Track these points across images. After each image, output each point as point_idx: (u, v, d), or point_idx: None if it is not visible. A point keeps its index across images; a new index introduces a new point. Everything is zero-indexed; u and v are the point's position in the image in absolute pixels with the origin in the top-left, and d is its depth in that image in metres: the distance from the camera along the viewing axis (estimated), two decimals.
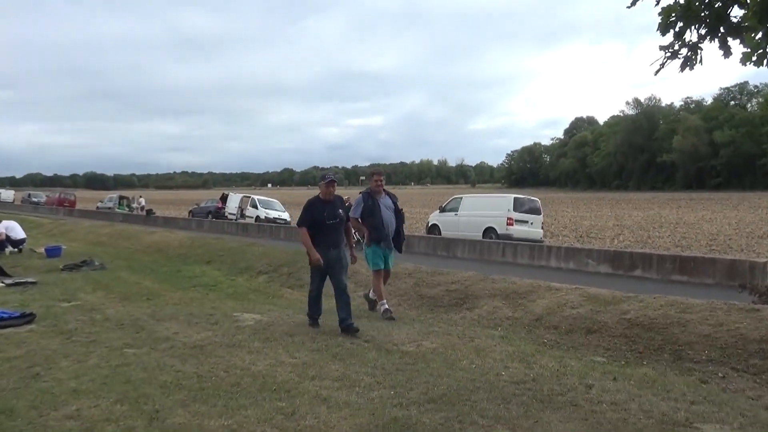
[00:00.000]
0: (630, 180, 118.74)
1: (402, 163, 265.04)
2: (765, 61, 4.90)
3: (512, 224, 20.67)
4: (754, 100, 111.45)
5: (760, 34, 4.65)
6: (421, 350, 6.37)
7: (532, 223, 21.20)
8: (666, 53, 4.93)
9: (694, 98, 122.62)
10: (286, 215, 32.79)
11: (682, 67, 5.05)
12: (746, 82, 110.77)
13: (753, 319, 6.85)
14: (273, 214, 32.17)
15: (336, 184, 7.29)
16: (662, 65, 5.05)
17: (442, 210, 23.59)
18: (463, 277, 10.86)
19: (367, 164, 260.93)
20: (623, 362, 6.52)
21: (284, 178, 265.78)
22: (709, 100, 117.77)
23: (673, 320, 7.27)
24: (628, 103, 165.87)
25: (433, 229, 23.26)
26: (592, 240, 26.28)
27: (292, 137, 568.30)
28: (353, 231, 7.87)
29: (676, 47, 4.85)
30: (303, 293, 12.96)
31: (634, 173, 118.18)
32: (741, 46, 4.76)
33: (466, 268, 12.69)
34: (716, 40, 4.70)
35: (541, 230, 21.92)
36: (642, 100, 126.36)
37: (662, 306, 7.78)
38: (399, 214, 8.29)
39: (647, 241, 25.48)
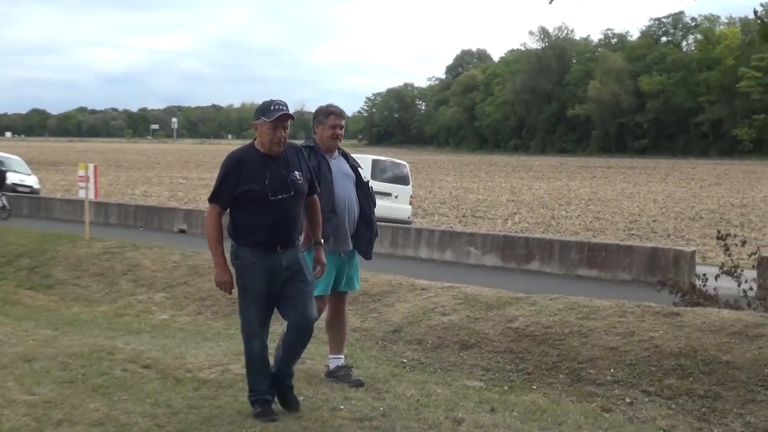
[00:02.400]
0: (532, 139, 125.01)
1: (215, 107, 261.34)
2: None
3: None
4: (691, 36, 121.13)
5: None
6: (227, 377, 6.36)
7: (396, 197, 21.75)
8: None
9: (617, 31, 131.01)
10: (32, 180, 31.28)
11: None
12: (681, 13, 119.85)
13: (671, 327, 7.49)
14: (13, 178, 30.55)
15: (292, 121, 5.59)
16: None
17: None
18: None
19: (164, 107, 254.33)
20: (506, 387, 6.88)
21: (32, 124, 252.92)
22: (635, 35, 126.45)
23: (572, 329, 7.78)
24: (531, 33, 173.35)
25: None
26: (479, 221, 27.47)
27: (44, 63, 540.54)
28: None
29: None
30: (51, 296, 12.52)
31: (537, 130, 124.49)
32: None
33: None
34: None
35: (410, 207, 22.61)
36: (550, 31, 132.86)
37: (560, 310, 8.29)
38: (364, 190, 6.62)
39: (550, 223, 27.06)
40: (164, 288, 11.96)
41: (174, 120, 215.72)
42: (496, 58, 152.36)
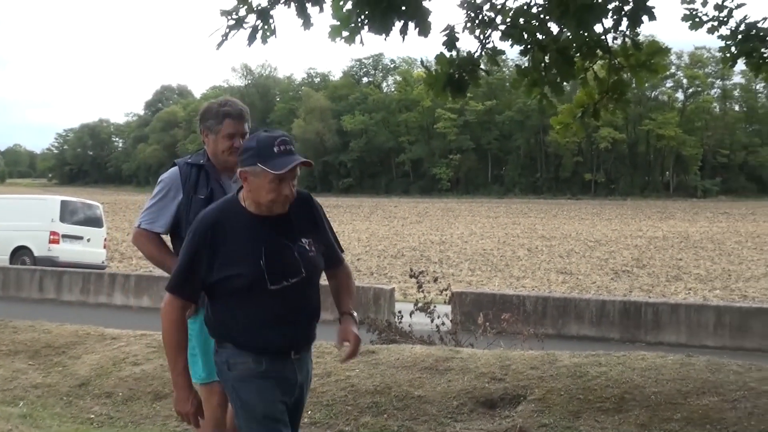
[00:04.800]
0: None
1: None
2: (358, 39, 5.75)
3: (58, 242, 20.69)
4: (391, 78, 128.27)
5: (350, 3, 5.41)
6: None
7: (89, 240, 21.42)
8: (228, 20, 5.46)
9: (319, 71, 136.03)
10: None
11: (250, 40, 5.66)
12: (381, 55, 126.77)
13: (367, 365, 7.81)
14: None
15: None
16: (225, 36, 5.59)
17: None
18: None
19: None
20: None
21: None
22: (338, 75, 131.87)
23: None
24: (234, 70, 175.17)
25: None
26: None
27: None
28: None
29: (242, 12, 5.42)
30: None
31: None
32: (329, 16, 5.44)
33: None
34: (292, 5, 5.38)
35: (104, 250, 22.37)
36: (253, 68, 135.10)
37: None
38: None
39: None
40: None
41: None
42: (197, 94, 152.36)
